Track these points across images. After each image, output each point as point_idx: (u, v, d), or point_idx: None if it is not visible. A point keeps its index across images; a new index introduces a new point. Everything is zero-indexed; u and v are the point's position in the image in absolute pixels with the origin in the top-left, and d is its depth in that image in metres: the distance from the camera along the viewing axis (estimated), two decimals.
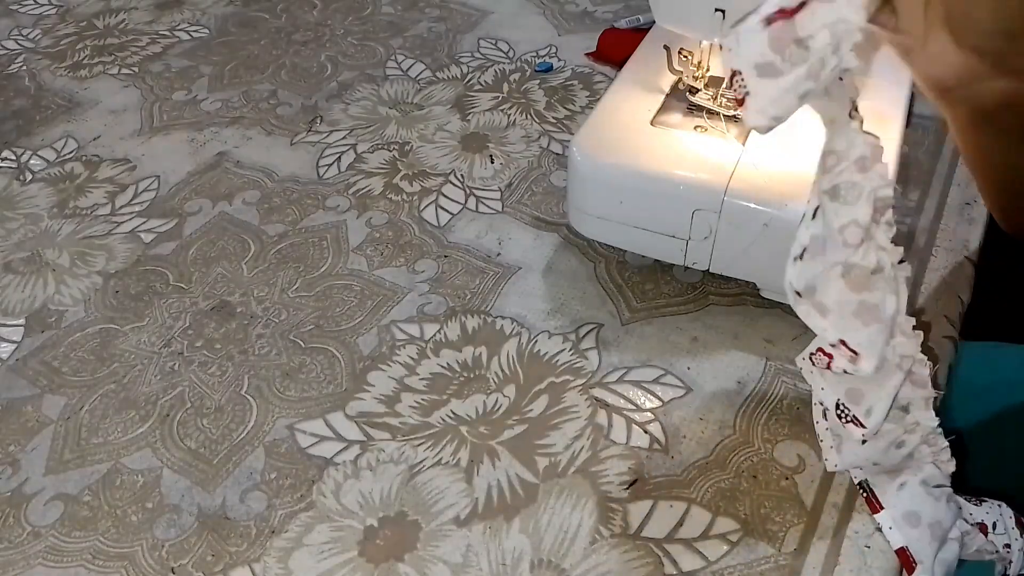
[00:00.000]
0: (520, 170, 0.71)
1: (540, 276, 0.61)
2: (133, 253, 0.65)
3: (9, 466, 0.51)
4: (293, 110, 0.79)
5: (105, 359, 0.57)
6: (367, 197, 0.69)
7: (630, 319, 0.58)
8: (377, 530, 0.47)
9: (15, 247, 0.66)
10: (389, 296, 0.60)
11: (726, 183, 0.51)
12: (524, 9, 0.92)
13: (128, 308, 0.61)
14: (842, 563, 0.45)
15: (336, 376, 0.55)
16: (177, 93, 0.82)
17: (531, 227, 0.65)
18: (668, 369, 0.55)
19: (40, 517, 0.49)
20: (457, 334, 0.57)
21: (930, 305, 0.57)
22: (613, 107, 0.58)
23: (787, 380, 0.53)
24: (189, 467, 0.51)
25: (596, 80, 0.80)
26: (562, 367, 0.55)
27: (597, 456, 0.50)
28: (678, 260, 0.55)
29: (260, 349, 0.57)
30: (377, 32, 0.90)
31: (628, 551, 0.46)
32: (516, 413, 0.52)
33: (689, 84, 0.56)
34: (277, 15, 0.94)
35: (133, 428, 0.53)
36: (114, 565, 0.46)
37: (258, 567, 0.46)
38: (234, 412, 0.53)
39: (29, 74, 0.86)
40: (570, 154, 0.55)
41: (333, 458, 0.51)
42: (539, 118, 0.76)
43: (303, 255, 0.64)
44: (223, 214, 0.68)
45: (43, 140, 0.77)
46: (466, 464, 0.50)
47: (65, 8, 0.96)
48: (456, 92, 0.80)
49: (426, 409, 0.53)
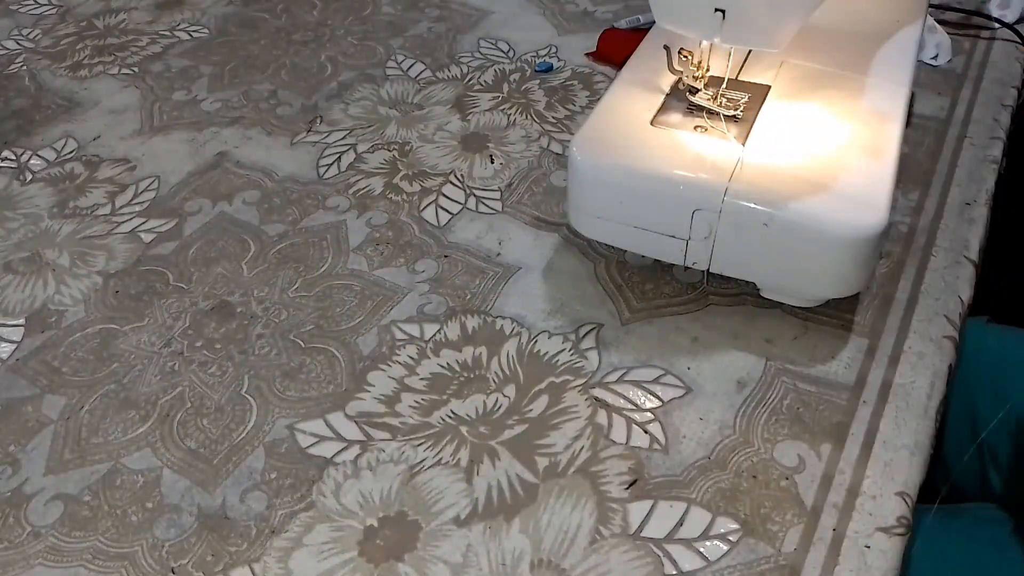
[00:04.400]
0: (520, 170, 0.71)
1: (540, 276, 0.61)
2: (133, 253, 0.65)
3: (9, 466, 0.51)
4: (293, 110, 0.79)
5: (105, 359, 0.57)
6: (367, 197, 0.69)
7: (630, 319, 0.58)
8: (377, 530, 0.47)
9: (15, 247, 0.66)
10: (389, 296, 0.60)
11: (726, 183, 0.51)
12: (524, 9, 0.92)
13: (128, 308, 0.61)
14: (842, 563, 0.45)
15: (336, 376, 0.55)
16: (177, 93, 0.82)
17: (531, 227, 0.65)
18: (668, 369, 0.55)
19: (40, 517, 0.49)
20: (457, 334, 0.57)
21: (930, 305, 0.57)
22: (613, 107, 0.58)
23: (787, 380, 0.54)
24: (189, 467, 0.51)
25: (596, 80, 0.80)
26: (562, 367, 0.55)
27: (597, 456, 0.50)
28: (678, 260, 0.55)
29: (260, 349, 0.57)
30: (377, 32, 0.90)
31: (628, 551, 0.46)
32: (516, 413, 0.52)
33: (689, 84, 0.56)
34: (277, 15, 0.94)
35: (133, 428, 0.53)
36: (114, 565, 0.46)
37: (258, 567, 0.46)
38: (234, 412, 0.53)
39: (29, 74, 0.86)
40: (570, 154, 0.55)
41: (333, 458, 0.51)
42: (539, 118, 0.76)
43: (303, 255, 0.64)
44: (223, 214, 0.68)
45: (43, 140, 0.77)
46: (466, 464, 0.50)
47: (65, 8, 0.96)
48: (456, 92, 0.80)
49: (426, 409, 0.53)
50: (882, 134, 0.54)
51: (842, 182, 0.51)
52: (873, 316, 0.57)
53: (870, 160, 0.52)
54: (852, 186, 0.51)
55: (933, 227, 0.63)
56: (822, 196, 0.50)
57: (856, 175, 0.51)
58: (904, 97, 0.57)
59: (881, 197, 0.50)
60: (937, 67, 0.79)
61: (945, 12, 0.83)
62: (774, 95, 0.58)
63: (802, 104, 0.57)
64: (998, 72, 0.78)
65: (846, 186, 0.51)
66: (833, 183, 0.51)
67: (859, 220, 0.49)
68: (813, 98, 0.58)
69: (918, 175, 0.67)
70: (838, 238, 0.49)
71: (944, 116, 0.73)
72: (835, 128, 0.55)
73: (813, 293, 0.55)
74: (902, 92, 0.58)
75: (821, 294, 0.55)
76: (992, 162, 0.68)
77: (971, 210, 0.64)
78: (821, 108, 0.57)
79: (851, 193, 0.50)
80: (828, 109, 0.57)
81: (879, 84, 0.58)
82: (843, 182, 0.51)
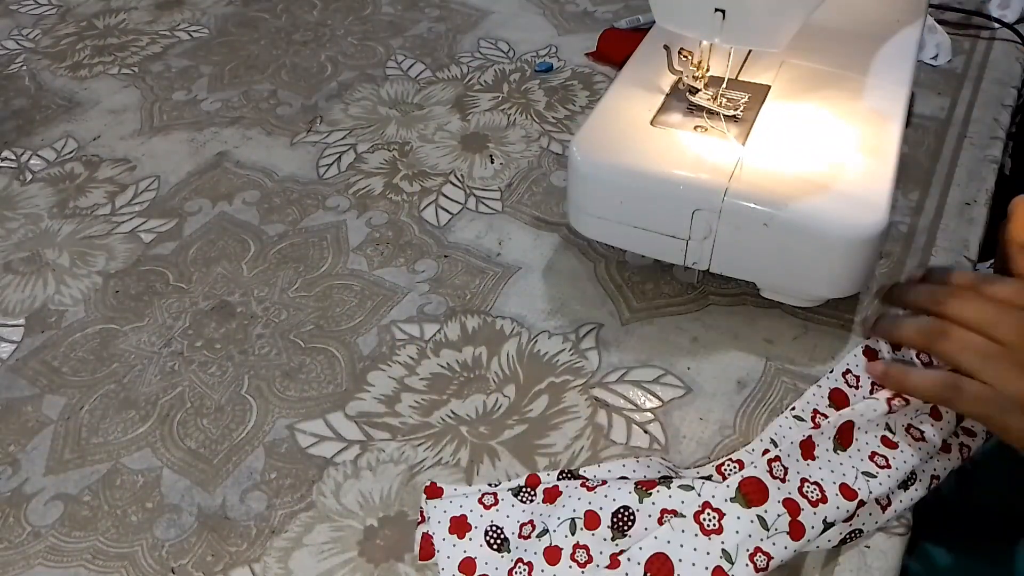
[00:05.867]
0: (520, 170, 0.71)
1: (540, 276, 0.61)
2: (133, 253, 0.65)
3: (9, 466, 0.51)
4: (293, 110, 0.79)
5: (105, 359, 0.57)
6: (367, 197, 0.69)
7: (630, 319, 0.58)
8: (377, 530, 0.47)
9: (15, 247, 0.66)
10: (389, 296, 0.60)
11: (726, 183, 0.51)
12: (524, 9, 0.92)
13: (128, 308, 0.61)
14: (842, 563, 0.45)
15: (336, 376, 0.55)
16: (177, 93, 0.82)
17: (531, 227, 0.65)
18: (668, 369, 0.55)
19: (40, 517, 0.49)
20: (457, 334, 0.57)
21: None
22: (613, 107, 0.58)
23: (787, 380, 0.53)
24: (189, 467, 0.51)
25: (596, 80, 0.80)
26: (562, 367, 0.55)
27: (597, 456, 0.50)
28: (678, 260, 0.55)
29: (260, 349, 0.57)
30: (377, 32, 0.90)
31: None
32: (516, 413, 0.52)
33: (689, 84, 0.56)
34: (277, 15, 0.94)
35: (133, 428, 0.53)
36: (114, 565, 0.46)
37: (258, 567, 0.46)
38: (234, 412, 0.53)
39: (29, 74, 0.86)
40: (570, 154, 0.55)
41: (333, 458, 0.51)
42: (539, 118, 0.76)
43: (303, 255, 0.64)
44: (223, 214, 0.68)
45: (43, 140, 0.77)
46: (466, 464, 0.50)
47: (65, 8, 0.96)
48: (456, 92, 0.80)
49: (426, 409, 0.53)
50: (882, 134, 0.54)
51: (842, 182, 0.51)
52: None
53: (870, 160, 0.52)
54: (852, 186, 0.51)
55: (933, 227, 0.63)
56: (822, 196, 0.50)
57: (856, 175, 0.51)
58: (904, 97, 0.57)
59: (881, 197, 0.50)
60: (937, 67, 0.79)
61: (945, 12, 0.83)
62: (774, 95, 0.58)
63: (802, 104, 0.57)
64: (998, 72, 0.78)
65: (846, 186, 0.51)
66: (833, 183, 0.51)
67: (859, 220, 0.49)
68: (813, 98, 0.58)
69: (918, 175, 0.67)
70: (838, 238, 0.49)
71: (944, 116, 0.73)
72: (835, 128, 0.55)
73: (813, 293, 0.55)
74: (902, 92, 0.58)
75: (821, 294, 0.55)
76: (992, 162, 0.68)
77: (971, 210, 0.64)
78: (821, 108, 0.57)
79: (851, 193, 0.50)
80: (828, 109, 0.57)
81: (879, 84, 0.58)
82: (843, 182, 0.51)
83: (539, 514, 0.45)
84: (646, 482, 0.45)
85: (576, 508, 0.44)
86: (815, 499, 0.43)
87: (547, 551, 0.43)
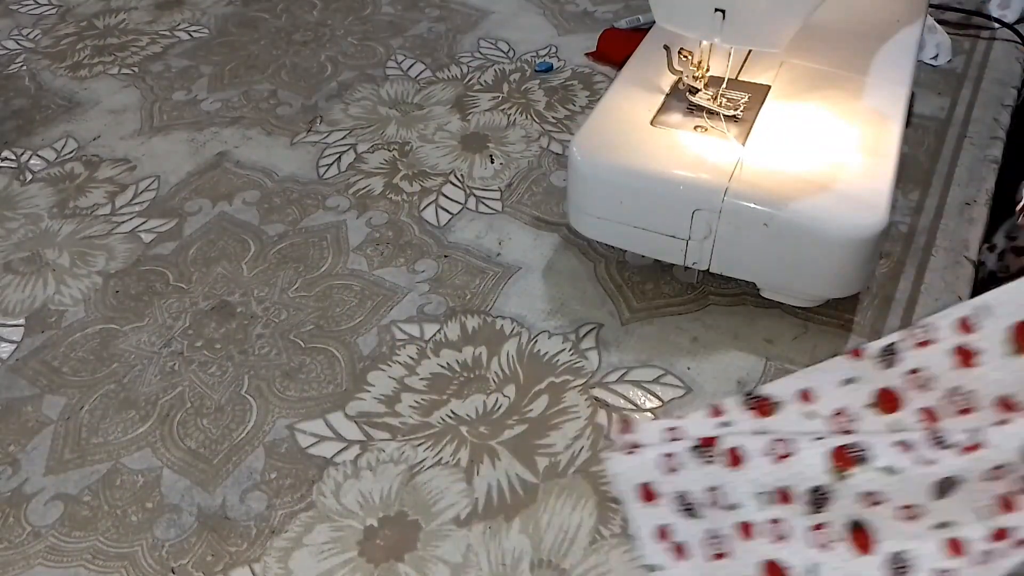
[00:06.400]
0: (520, 170, 0.71)
1: (540, 276, 0.61)
2: (133, 253, 0.65)
3: (9, 466, 0.51)
4: (293, 110, 0.79)
5: (105, 359, 0.57)
6: (367, 197, 0.69)
7: (630, 319, 0.58)
8: (377, 530, 0.47)
9: (15, 247, 0.66)
10: (389, 296, 0.60)
11: (726, 183, 0.51)
12: (524, 9, 0.92)
13: (128, 308, 0.61)
14: None
15: (336, 376, 0.55)
16: (177, 93, 0.82)
17: (531, 227, 0.65)
18: (668, 369, 0.55)
19: (40, 517, 0.49)
20: (457, 334, 0.57)
21: (930, 305, 0.57)
22: (613, 107, 0.58)
23: None
24: (189, 467, 0.51)
25: (596, 80, 0.80)
26: (562, 367, 0.55)
27: (597, 456, 0.50)
28: (678, 260, 0.55)
29: (260, 349, 0.57)
30: (377, 32, 0.90)
31: (628, 551, 0.46)
32: (516, 413, 0.52)
33: (689, 84, 0.56)
34: (277, 15, 0.94)
35: (133, 428, 0.53)
36: (114, 565, 0.46)
37: (258, 567, 0.46)
38: (234, 412, 0.53)
39: (29, 74, 0.86)
40: (570, 154, 0.55)
41: (333, 458, 0.51)
42: (539, 118, 0.76)
43: (303, 255, 0.64)
44: (223, 214, 0.68)
45: (43, 140, 0.77)
46: (466, 464, 0.50)
47: (65, 8, 0.96)
48: (456, 92, 0.80)
49: (426, 409, 0.53)
50: (882, 134, 0.54)
51: (842, 182, 0.51)
52: (873, 316, 0.57)
53: (870, 160, 0.52)
54: (852, 186, 0.51)
55: (933, 227, 0.63)
56: (822, 196, 0.50)
57: (856, 175, 0.51)
58: (904, 97, 0.57)
59: (881, 197, 0.50)
60: (937, 67, 0.79)
61: (945, 12, 0.83)
62: (774, 95, 0.58)
63: (802, 104, 0.57)
64: (998, 72, 0.78)
65: (846, 186, 0.51)
66: (833, 183, 0.51)
67: (859, 220, 0.49)
68: (813, 98, 0.58)
69: (918, 175, 0.67)
70: (838, 238, 0.49)
71: (944, 116, 0.73)
72: (835, 128, 0.55)
73: (813, 293, 0.55)
74: (902, 92, 0.58)
75: (821, 294, 0.55)
76: (992, 162, 0.68)
77: (971, 210, 0.64)
78: (821, 108, 0.57)
79: (851, 193, 0.50)
80: (828, 109, 0.57)
81: (879, 84, 0.58)
82: (843, 182, 0.51)
83: (726, 482, 0.45)
84: (841, 456, 0.43)
85: (765, 483, 0.44)
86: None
87: (740, 527, 0.44)
